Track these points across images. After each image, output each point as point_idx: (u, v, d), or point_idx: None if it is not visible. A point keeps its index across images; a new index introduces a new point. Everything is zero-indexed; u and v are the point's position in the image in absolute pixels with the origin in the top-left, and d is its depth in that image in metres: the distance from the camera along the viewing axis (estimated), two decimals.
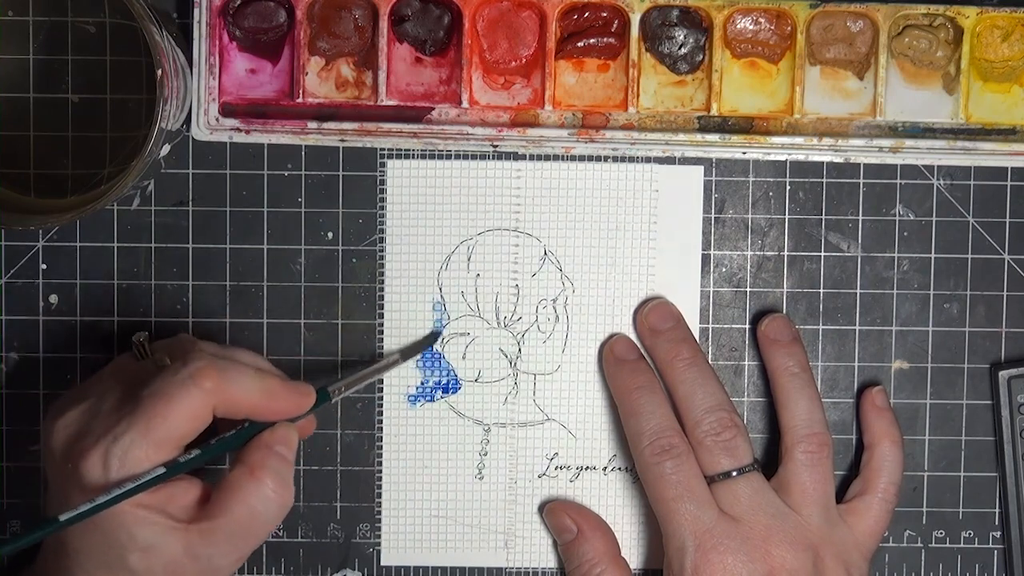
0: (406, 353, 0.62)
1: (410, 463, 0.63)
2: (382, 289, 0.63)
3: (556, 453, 0.64)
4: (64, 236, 0.62)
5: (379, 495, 0.63)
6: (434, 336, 0.63)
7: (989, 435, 0.64)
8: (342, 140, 0.62)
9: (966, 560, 0.64)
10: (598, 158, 0.63)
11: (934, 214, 0.63)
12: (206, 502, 0.53)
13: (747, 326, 0.63)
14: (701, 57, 0.62)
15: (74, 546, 0.52)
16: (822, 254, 0.63)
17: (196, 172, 0.62)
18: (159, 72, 0.55)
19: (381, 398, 0.63)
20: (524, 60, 0.62)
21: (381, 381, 0.63)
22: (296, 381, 0.56)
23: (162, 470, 0.51)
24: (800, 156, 0.62)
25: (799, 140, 0.61)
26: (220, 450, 0.54)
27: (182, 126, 0.61)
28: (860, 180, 0.63)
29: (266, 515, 0.53)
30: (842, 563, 0.58)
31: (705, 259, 0.63)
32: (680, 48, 0.62)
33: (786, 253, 0.63)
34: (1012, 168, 0.63)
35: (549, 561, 0.64)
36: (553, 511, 0.63)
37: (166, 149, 0.60)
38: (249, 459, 0.53)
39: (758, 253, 0.63)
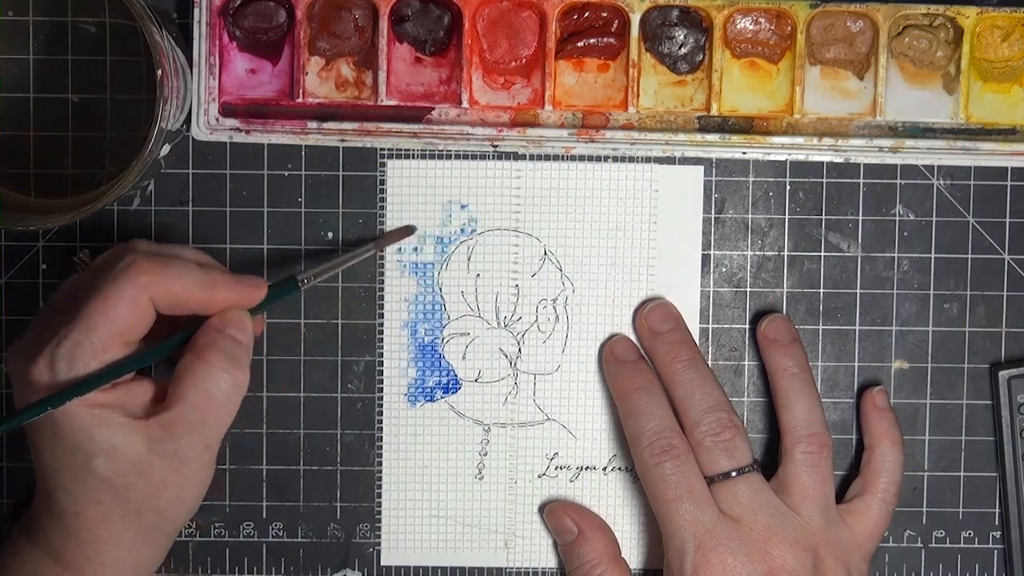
0: (380, 243, 0.61)
1: (410, 463, 0.63)
2: (382, 289, 0.63)
3: (556, 453, 0.64)
4: (64, 236, 0.62)
5: (379, 495, 0.63)
6: (410, 229, 0.62)
7: (989, 435, 0.64)
8: (342, 140, 0.62)
9: (966, 560, 0.64)
10: (598, 158, 0.63)
11: (934, 214, 0.63)
12: (163, 400, 0.52)
13: (747, 326, 0.63)
14: (701, 57, 0.62)
15: (48, 465, 0.52)
16: (822, 254, 0.63)
17: (196, 172, 0.62)
18: (159, 72, 0.55)
19: (381, 398, 0.63)
20: (524, 60, 0.62)
21: (381, 382, 0.63)
22: (246, 275, 0.55)
23: (109, 368, 0.51)
24: (800, 156, 0.62)
25: (799, 140, 0.61)
26: (171, 348, 0.53)
27: (182, 126, 0.61)
28: (860, 180, 0.63)
29: (221, 397, 0.52)
30: (842, 563, 0.58)
31: (705, 259, 0.63)
32: (680, 48, 0.62)
33: (786, 253, 0.63)
34: (1012, 168, 0.63)
35: (549, 561, 0.64)
36: (553, 512, 0.63)
37: (166, 149, 0.60)
38: (197, 344, 0.53)
39: (758, 253, 0.63)
